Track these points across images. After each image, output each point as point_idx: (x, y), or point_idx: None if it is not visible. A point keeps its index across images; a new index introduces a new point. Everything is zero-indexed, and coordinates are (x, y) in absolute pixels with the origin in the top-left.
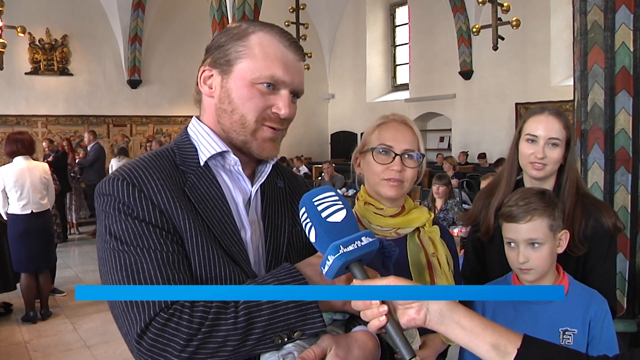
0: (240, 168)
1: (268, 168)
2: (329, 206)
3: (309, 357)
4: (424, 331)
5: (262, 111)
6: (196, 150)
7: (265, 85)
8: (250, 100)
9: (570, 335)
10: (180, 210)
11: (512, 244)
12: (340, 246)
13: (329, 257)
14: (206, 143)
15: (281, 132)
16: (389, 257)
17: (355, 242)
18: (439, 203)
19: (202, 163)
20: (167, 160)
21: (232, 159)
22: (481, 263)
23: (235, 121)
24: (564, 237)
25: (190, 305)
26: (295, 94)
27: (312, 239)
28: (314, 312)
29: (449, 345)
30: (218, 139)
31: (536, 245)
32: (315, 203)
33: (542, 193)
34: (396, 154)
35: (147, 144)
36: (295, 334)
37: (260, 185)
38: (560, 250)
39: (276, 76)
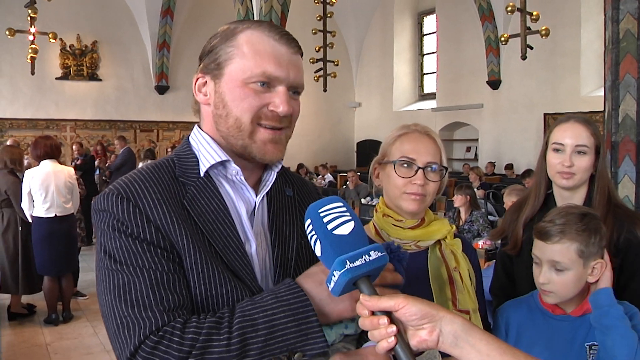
0: (242, 178)
1: (273, 176)
2: (336, 217)
3: None
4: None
5: (257, 111)
6: (197, 160)
7: (258, 84)
8: (244, 100)
9: (597, 350)
10: (178, 225)
11: (538, 262)
12: (347, 261)
13: (334, 272)
14: (206, 152)
15: (284, 132)
16: (399, 262)
17: (363, 257)
18: (463, 214)
19: (202, 173)
20: (166, 172)
21: (234, 168)
22: (509, 278)
23: (231, 125)
24: (599, 267)
25: (182, 327)
26: (295, 90)
27: (318, 252)
28: (315, 331)
29: None
30: (218, 147)
31: (559, 268)
32: (322, 214)
33: (584, 215)
34: (419, 167)
35: (169, 150)
36: (295, 356)
37: (267, 194)
38: (592, 279)
39: (268, 72)
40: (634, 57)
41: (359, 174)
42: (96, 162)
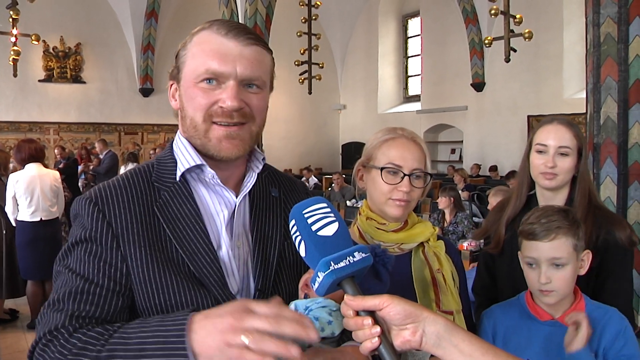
0: (218, 180)
1: (253, 177)
2: (320, 219)
3: None
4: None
5: (207, 108)
6: (175, 165)
7: (205, 82)
8: (194, 100)
9: None
10: (139, 236)
11: (533, 264)
12: (331, 262)
13: (319, 273)
14: (183, 157)
15: (241, 128)
16: (384, 266)
17: (348, 258)
18: (447, 216)
19: (177, 178)
20: (142, 177)
21: (209, 172)
22: (492, 277)
23: (189, 125)
24: (587, 257)
25: (70, 333)
26: (249, 83)
27: (302, 253)
28: (180, 354)
29: None
30: (194, 152)
31: (559, 265)
32: (306, 215)
33: (565, 211)
34: (405, 174)
35: (152, 153)
36: None
37: (249, 195)
38: (583, 272)
39: (212, 69)
40: (614, 60)
41: (344, 176)
42: (80, 167)
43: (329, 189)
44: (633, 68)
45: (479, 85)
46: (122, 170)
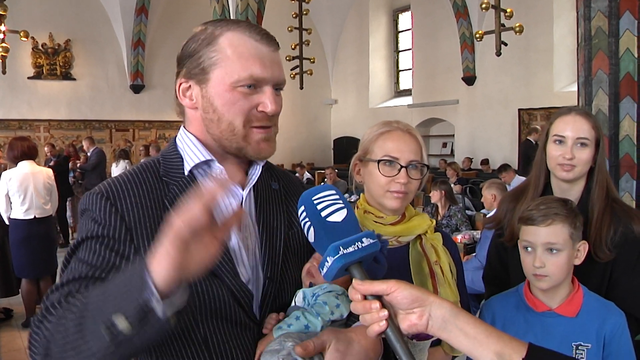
0: (226, 175)
1: (258, 170)
2: (329, 205)
3: (308, 348)
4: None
5: (248, 113)
6: (182, 160)
7: (246, 86)
8: (235, 104)
9: (584, 350)
10: (151, 229)
11: (529, 248)
12: (340, 247)
13: (328, 258)
14: (191, 152)
15: (272, 129)
16: (380, 250)
17: (356, 244)
18: (440, 209)
19: (186, 172)
20: (150, 172)
21: (218, 167)
22: (504, 268)
23: (225, 129)
24: (583, 248)
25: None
26: (278, 87)
27: (311, 239)
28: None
29: (454, 358)
30: (203, 147)
31: (554, 251)
32: (315, 202)
33: (564, 201)
34: (402, 166)
35: (142, 150)
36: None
37: (254, 188)
38: (578, 262)
39: (255, 75)
40: (605, 53)
41: (336, 170)
42: (70, 164)
43: (322, 183)
44: (623, 61)
45: (469, 79)
46: (113, 167)
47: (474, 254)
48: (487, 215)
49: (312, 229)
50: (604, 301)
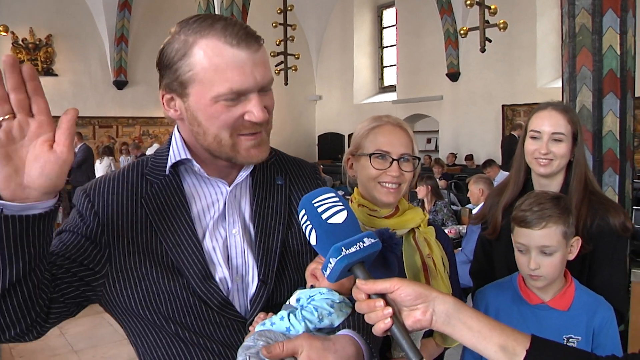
0: (204, 173)
1: (249, 168)
2: (330, 207)
3: (274, 350)
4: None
5: (233, 124)
6: (168, 158)
7: (228, 100)
8: (218, 118)
9: (574, 343)
10: (123, 227)
11: (523, 250)
12: (343, 248)
13: (330, 259)
14: (172, 151)
15: (262, 133)
16: (392, 252)
17: (358, 244)
18: (427, 204)
19: (167, 171)
20: (136, 170)
21: (195, 166)
22: (489, 261)
23: (212, 142)
24: (576, 244)
25: None
26: (264, 89)
27: (313, 241)
28: None
29: (445, 349)
30: (183, 146)
31: (548, 252)
32: (315, 205)
33: (557, 198)
34: (393, 159)
35: (123, 147)
36: None
37: (252, 184)
38: (572, 257)
39: (235, 88)
40: (589, 50)
41: (321, 166)
42: None
43: None
44: (606, 58)
45: (454, 75)
46: (97, 164)
47: (460, 249)
48: (474, 210)
49: (313, 231)
50: (595, 295)
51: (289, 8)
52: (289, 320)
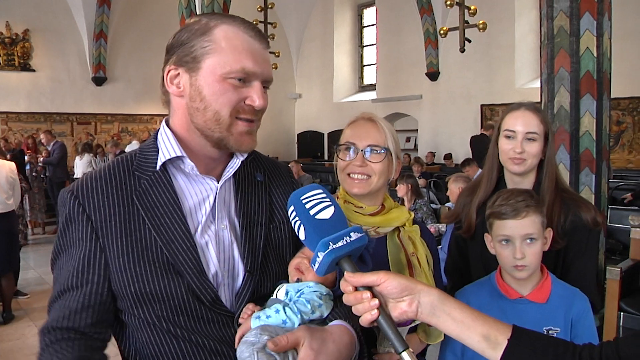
0: (197, 172)
1: (237, 163)
2: (317, 203)
3: (280, 343)
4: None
5: (235, 105)
6: (157, 155)
7: (237, 79)
8: (223, 95)
9: (554, 334)
10: (116, 227)
11: (505, 241)
12: (330, 242)
13: (318, 253)
14: (164, 148)
15: (255, 123)
16: (366, 249)
17: (345, 238)
18: (406, 203)
19: (158, 167)
20: (123, 166)
21: (189, 164)
22: (464, 260)
23: (209, 118)
24: (549, 234)
25: (45, 344)
26: (266, 84)
27: (302, 236)
28: None
29: (428, 345)
30: (176, 143)
31: (531, 241)
32: (304, 201)
33: (528, 192)
34: (358, 150)
35: (99, 150)
36: None
37: (235, 180)
38: (546, 247)
39: (247, 68)
40: (567, 52)
41: (301, 164)
42: (26, 157)
43: None
44: (584, 60)
45: (433, 75)
46: (77, 160)
47: (439, 247)
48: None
49: (302, 227)
50: (571, 287)
51: (270, 6)
52: (285, 313)
